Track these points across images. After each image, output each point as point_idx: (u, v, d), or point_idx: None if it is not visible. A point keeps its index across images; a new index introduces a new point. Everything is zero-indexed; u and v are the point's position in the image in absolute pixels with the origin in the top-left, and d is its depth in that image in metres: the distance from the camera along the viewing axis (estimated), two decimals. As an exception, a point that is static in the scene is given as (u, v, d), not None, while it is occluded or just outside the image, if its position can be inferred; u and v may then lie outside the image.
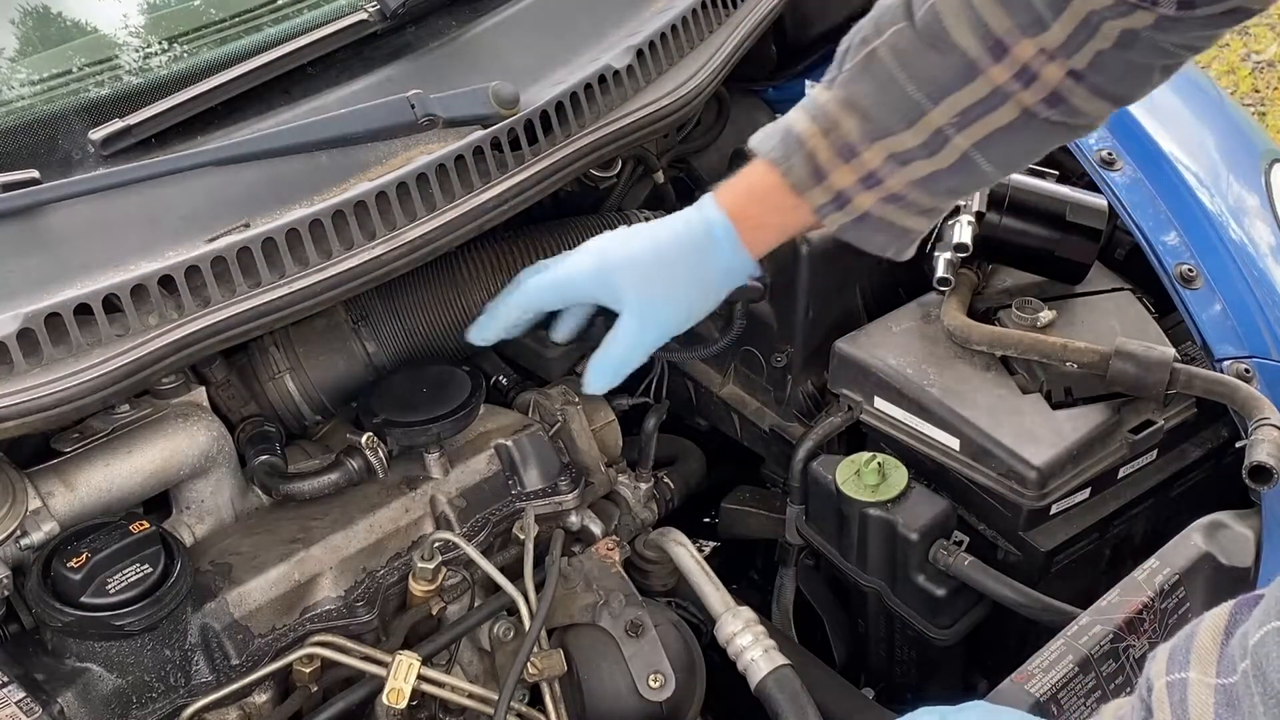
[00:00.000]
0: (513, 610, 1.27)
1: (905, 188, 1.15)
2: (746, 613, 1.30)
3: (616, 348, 1.20)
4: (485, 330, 1.27)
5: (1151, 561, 1.21)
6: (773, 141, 1.17)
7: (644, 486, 1.49)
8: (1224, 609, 0.80)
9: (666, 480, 1.54)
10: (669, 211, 1.56)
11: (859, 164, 1.14)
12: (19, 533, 1.10)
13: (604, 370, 1.21)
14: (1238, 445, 1.27)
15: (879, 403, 1.43)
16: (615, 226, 1.49)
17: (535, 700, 1.24)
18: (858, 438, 1.49)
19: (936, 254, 1.45)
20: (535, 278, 1.22)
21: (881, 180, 1.15)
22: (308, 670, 1.17)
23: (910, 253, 1.22)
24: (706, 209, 1.19)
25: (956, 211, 1.44)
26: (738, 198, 1.18)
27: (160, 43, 1.33)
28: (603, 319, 1.24)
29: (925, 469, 1.40)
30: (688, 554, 1.40)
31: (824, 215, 1.17)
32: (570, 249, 1.45)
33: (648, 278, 1.18)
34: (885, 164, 1.14)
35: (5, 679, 1.05)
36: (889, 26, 1.12)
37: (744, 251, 1.19)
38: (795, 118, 1.17)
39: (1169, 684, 0.80)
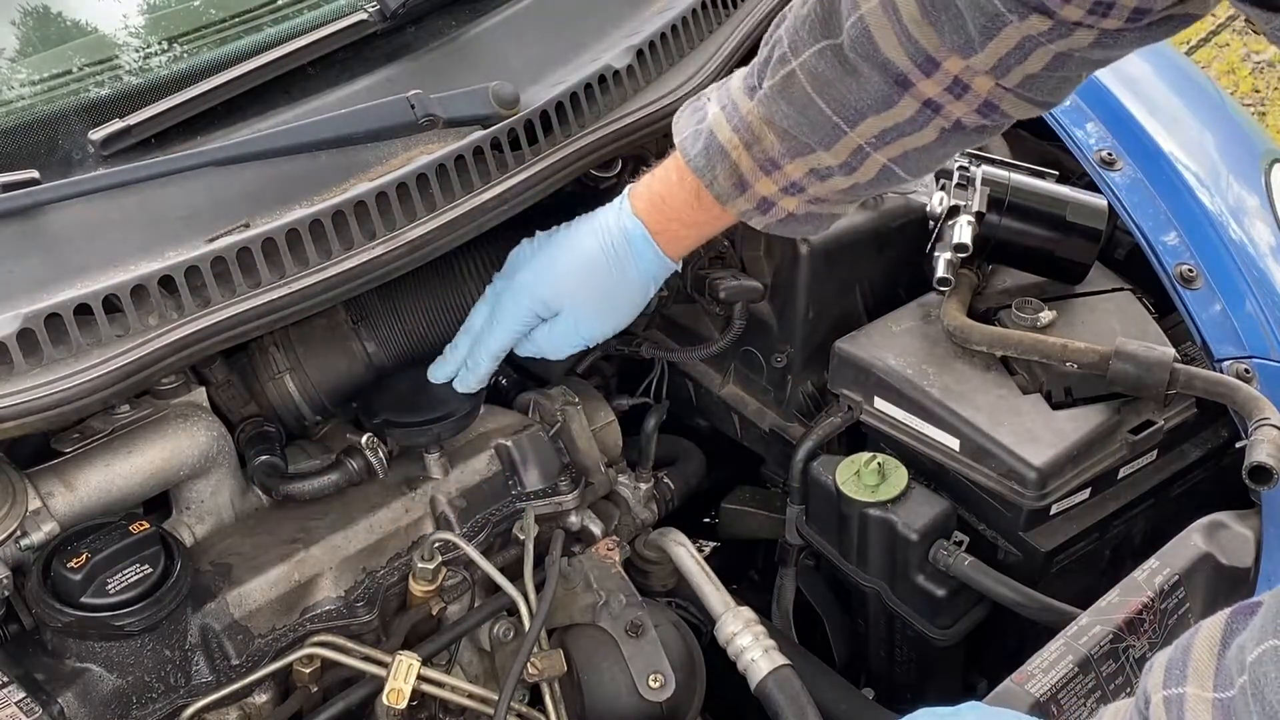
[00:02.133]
0: (513, 610, 1.27)
1: (827, 194, 1.20)
2: (746, 613, 1.30)
3: (549, 340, 1.29)
4: (469, 381, 1.32)
5: (1151, 562, 1.21)
6: (696, 147, 1.20)
7: (644, 486, 1.49)
8: (1220, 618, 0.80)
9: (666, 480, 1.54)
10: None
11: (781, 176, 1.18)
12: (19, 533, 1.10)
13: (531, 350, 1.31)
14: (1238, 445, 1.27)
15: (879, 403, 1.43)
16: None
17: (535, 700, 1.24)
18: (858, 438, 1.49)
19: (936, 254, 1.45)
20: (491, 336, 1.29)
21: (804, 189, 1.19)
22: (308, 670, 1.17)
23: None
24: (625, 219, 1.25)
25: (956, 211, 1.44)
26: (655, 208, 1.24)
27: (160, 43, 1.33)
28: None
29: (925, 469, 1.40)
30: (688, 554, 1.40)
31: (748, 218, 1.23)
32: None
33: (578, 293, 1.26)
34: (806, 177, 1.18)
35: (5, 679, 1.05)
36: (806, 46, 1.12)
37: (664, 257, 1.25)
38: (718, 122, 1.19)
39: (1166, 699, 0.80)
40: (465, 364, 1.31)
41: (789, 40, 1.14)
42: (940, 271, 1.44)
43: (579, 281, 1.26)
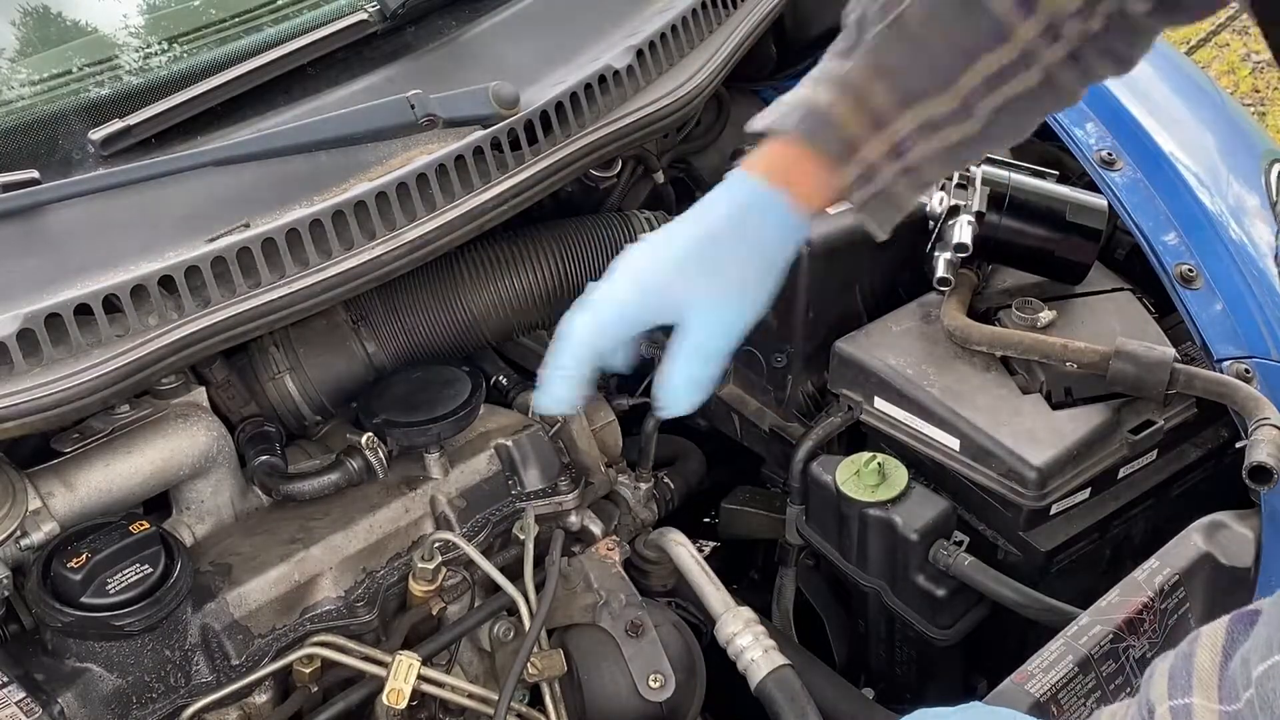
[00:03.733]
0: (513, 610, 1.27)
1: (925, 158, 1.07)
2: (746, 613, 1.30)
3: (690, 359, 1.00)
4: (553, 397, 1.01)
5: (1151, 562, 1.21)
6: (792, 119, 1.04)
7: (644, 486, 1.49)
8: (1220, 626, 0.80)
9: (666, 480, 1.54)
10: (670, 212, 1.57)
11: (890, 133, 1.05)
12: (19, 533, 1.10)
13: (679, 390, 1.01)
14: (1238, 445, 1.27)
15: (879, 403, 1.43)
16: (616, 226, 1.49)
17: (535, 700, 1.24)
18: (858, 438, 1.49)
19: (936, 254, 1.45)
20: (582, 330, 1.01)
21: (908, 150, 1.06)
22: (308, 670, 1.17)
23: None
24: (740, 178, 1.04)
25: (956, 211, 1.44)
26: (770, 164, 1.05)
27: (160, 43, 1.33)
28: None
29: (925, 469, 1.40)
30: (688, 554, 1.40)
31: (851, 191, 1.06)
32: (570, 250, 1.45)
33: (707, 272, 1.01)
34: (916, 131, 1.05)
35: (5, 679, 1.05)
36: None
37: (795, 210, 1.03)
38: (814, 92, 1.06)
39: (1173, 709, 0.79)
40: (552, 378, 1.01)
41: None
42: (940, 271, 1.44)
43: (706, 259, 1.01)
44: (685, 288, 1.01)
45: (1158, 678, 0.81)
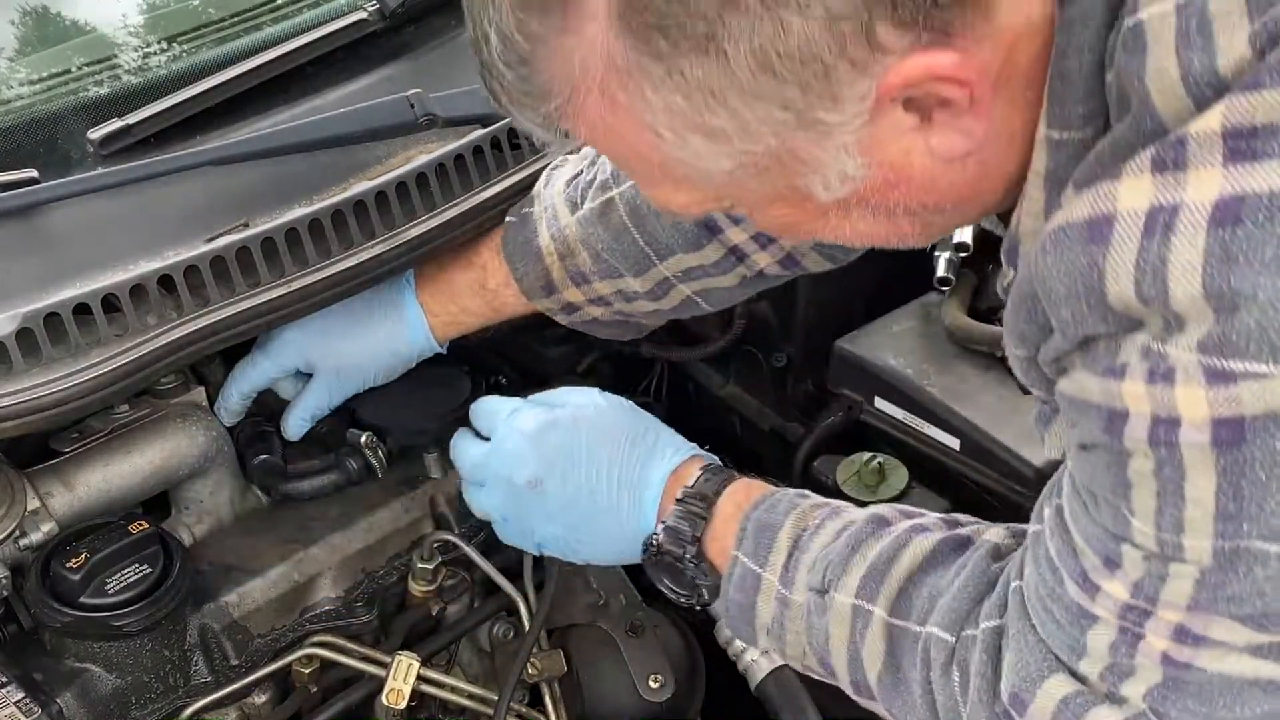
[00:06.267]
0: (512, 611, 1.27)
1: (633, 311, 1.24)
2: (746, 613, 1.30)
3: (310, 401, 1.29)
4: (225, 412, 1.29)
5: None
6: (516, 241, 1.23)
7: (644, 486, 1.49)
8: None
9: (666, 480, 1.53)
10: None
11: (589, 289, 1.23)
12: (18, 533, 1.10)
13: (299, 420, 1.29)
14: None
15: (879, 403, 1.42)
16: None
17: (535, 701, 1.24)
18: (858, 438, 1.48)
19: (937, 254, 1.44)
20: (240, 380, 1.28)
21: (610, 304, 1.24)
22: (307, 671, 1.17)
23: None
24: (405, 288, 1.27)
25: (956, 211, 1.44)
26: (439, 288, 1.26)
27: (159, 42, 1.33)
28: None
29: (925, 469, 1.40)
30: (688, 554, 1.39)
31: (552, 314, 1.27)
32: None
33: (334, 343, 1.27)
34: (614, 295, 1.23)
35: (4, 679, 1.05)
36: (626, 177, 1.16)
37: (430, 335, 1.28)
38: (541, 224, 1.22)
39: (855, 607, 0.92)
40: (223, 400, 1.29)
41: (611, 167, 1.18)
42: (940, 271, 1.43)
43: (342, 338, 1.26)
44: (315, 356, 1.27)
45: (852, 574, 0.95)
